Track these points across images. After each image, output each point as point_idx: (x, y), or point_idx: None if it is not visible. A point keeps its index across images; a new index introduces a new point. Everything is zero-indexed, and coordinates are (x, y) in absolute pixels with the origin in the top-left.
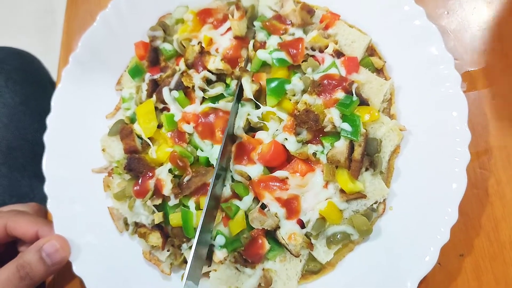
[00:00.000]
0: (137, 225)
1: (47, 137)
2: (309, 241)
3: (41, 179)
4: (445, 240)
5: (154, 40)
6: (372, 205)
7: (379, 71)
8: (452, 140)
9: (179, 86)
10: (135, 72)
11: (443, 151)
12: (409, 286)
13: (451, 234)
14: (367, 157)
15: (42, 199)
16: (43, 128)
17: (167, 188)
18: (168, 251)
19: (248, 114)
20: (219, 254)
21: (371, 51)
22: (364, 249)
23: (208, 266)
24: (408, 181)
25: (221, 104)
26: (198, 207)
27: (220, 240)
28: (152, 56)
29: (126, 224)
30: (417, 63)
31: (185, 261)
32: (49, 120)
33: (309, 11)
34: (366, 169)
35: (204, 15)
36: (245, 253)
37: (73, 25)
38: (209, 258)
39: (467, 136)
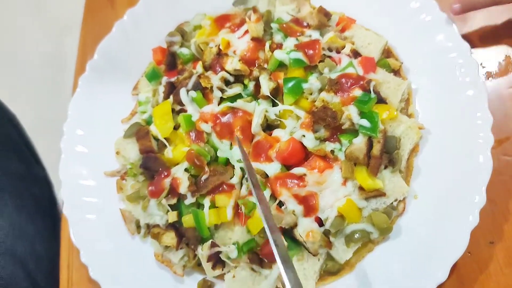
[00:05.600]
0: (148, 227)
1: (63, 143)
2: (327, 239)
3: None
4: (475, 223)
5: (172, 45)
6: (391, 203)
7: (395, 72)
8: (474, 124)
9: (197, 87)
10: (152, 76)
11: (465, 137)
12: (440, 276)
13: (480, 221)
14: (385, 154)
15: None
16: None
17: (184, 186)
18: (181, 248)
19: (266, 111)
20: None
21: (387, 53)
22: (384, 249)
23: (222, 269)
24: (430, 176)
25: (239, 103)
26: (213, 206)
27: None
28: (170, 60)
29: (138, 227)
30: (432, 58)
31: (198, 264)
32: (66, 126)
33: (326, 14)
34: (385, 167)
35: (221, 20)
36: (262, 253)
37: (89, 36)
38: (221, 261)
39: (489, 118)
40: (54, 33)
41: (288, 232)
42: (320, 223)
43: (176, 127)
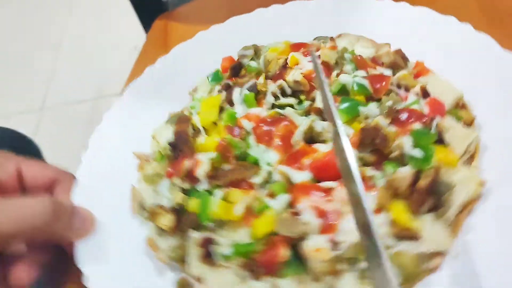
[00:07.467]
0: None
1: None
2: (335, 266)
3: None
4: None
5: (243, 58)
6: (424, 253)
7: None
8: None
9: (252, 89)
10: (215, 78)
11: None
12: None
13: None
14: (432, 196)
15: None
16: None
17: (202, 169)
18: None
19: (313, 120)
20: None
21: (461, 108)
22: None
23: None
24: (482, 239)
25: (289, 111)
26: (224, 199)
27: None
28: (236, 66)
29: (142, 209)
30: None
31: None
32: (97, 129)
33: (403, 57)
34: (428, 211)
35: (297, 46)
36: (259, 260)
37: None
38: (211, 257)
39: None
40: None
41: (294, 245)
42: (334, 247)
43: (217, 124)
